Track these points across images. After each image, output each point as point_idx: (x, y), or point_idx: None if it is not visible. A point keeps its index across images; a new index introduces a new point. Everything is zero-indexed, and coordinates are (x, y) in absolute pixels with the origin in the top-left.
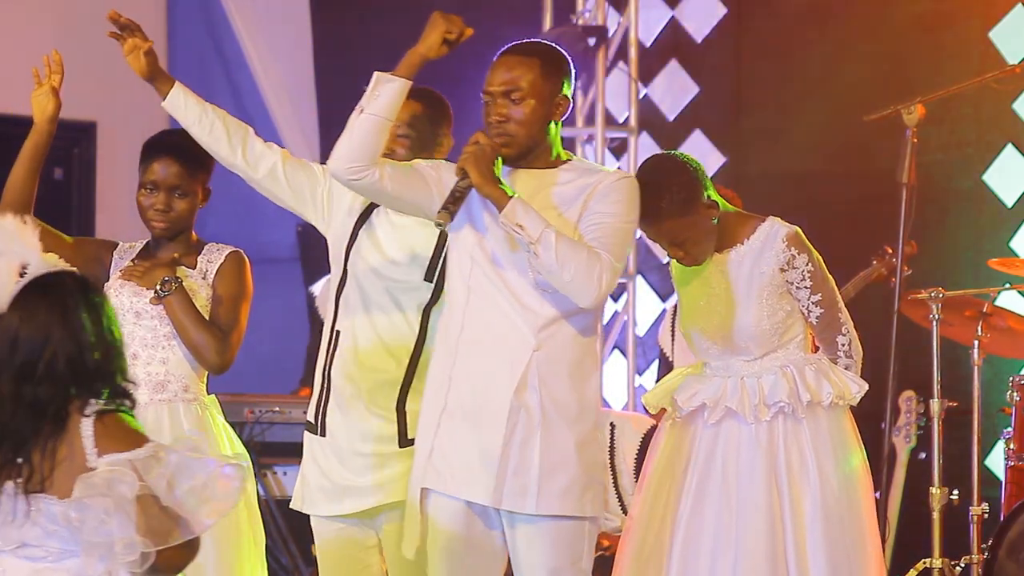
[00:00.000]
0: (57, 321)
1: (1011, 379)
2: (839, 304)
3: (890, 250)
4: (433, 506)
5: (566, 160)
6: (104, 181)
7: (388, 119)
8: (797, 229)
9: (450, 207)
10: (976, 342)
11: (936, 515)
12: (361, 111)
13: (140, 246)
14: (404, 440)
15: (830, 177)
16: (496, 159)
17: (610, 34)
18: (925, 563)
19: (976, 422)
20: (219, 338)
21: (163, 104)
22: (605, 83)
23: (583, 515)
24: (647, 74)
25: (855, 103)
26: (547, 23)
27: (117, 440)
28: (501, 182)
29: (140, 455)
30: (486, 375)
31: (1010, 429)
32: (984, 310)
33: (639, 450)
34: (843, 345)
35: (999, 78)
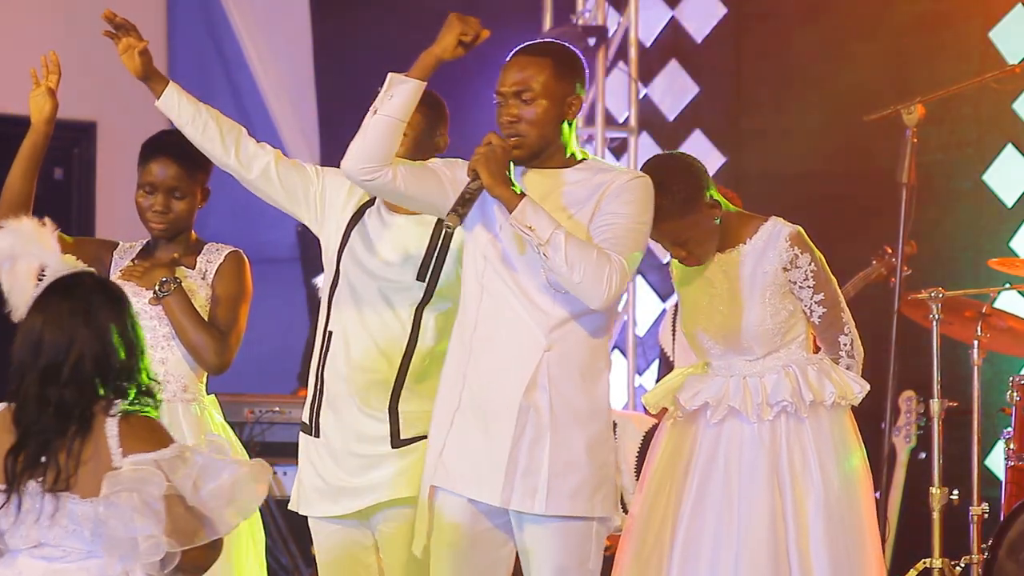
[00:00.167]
0: (81, 322)
1: (1011, 379)
2: (841, 304)
3: (890, 250)
4: (440, 503)
5: (581, 159)
6: (104, 181)
7: (402, 120)
8: (800, 229)
9: (459, 209)
10: (976, 342)
11: (936, 515)
12: (375, 112)
13: (140, 246)
14: (397, 441)
15: (830, 177)
16: (508, 160)
17: (610, 34)
18: (925, 563)
19: (976, 422)
20: (217, 339)
21: (157, 104)
22: (605, 83)
23: (592, 515)
24: (647, 74)
25: (855, 103)
26: (547, 23)
27: (143, 440)
28: (512, 183)
29: (166, 455)
30: (497, 374)
31: (1010, 429)
32: (984, 310)
33: (640, 449)
34: (845, 345)
35: (999, 78)
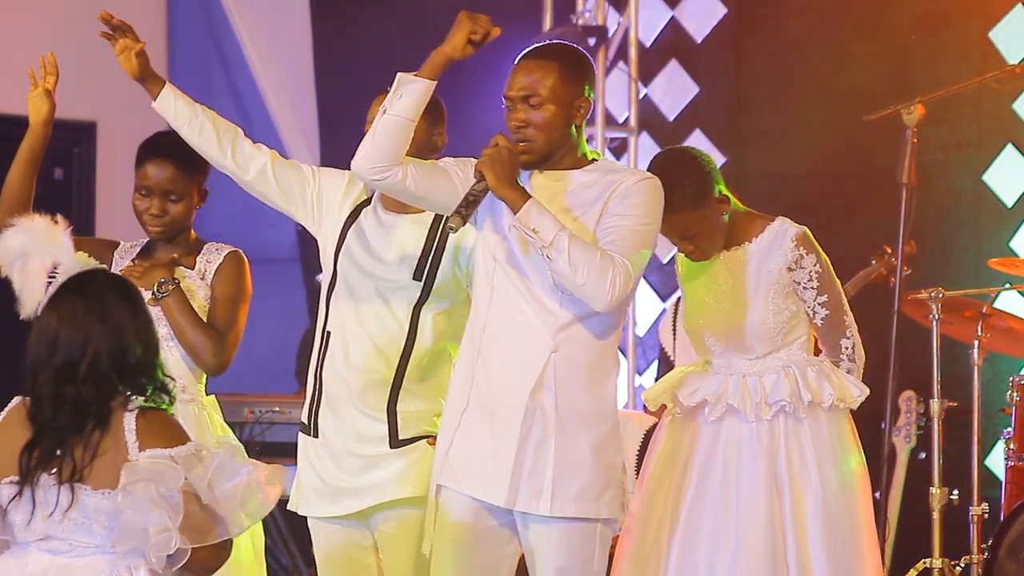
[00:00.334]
0: (97, 320)
1: (1011, 379)
2: (845, 307)
3: (890, 250)
4: (445, 500)
5: (591, 160)
6: (104, 181)
7: (412, 120)
8: (806, 229)
9: (463, 211)
10: (976, 342)
11: (936, 515)
12: (384, 112)
13: (140, 246)
14: (395, 441)
15: (830, 177)
16: (515, 163)
17: (610, 34)
18: (925, 563)
19: (976, 422)
20: (216, 339)
21: (153, 105)
22: (605, 83)
23: (597, 517)
24: (647, 74)
25: (855, 103)
26: (547, 23)
27: (160, 436)
28: (518, 185)
29: (182, 452)
30: (504, 375)
31: (1010, 429)
32: (984, 310)
33: (641, 448)
34: (846, 348)
35: (999, 78)
